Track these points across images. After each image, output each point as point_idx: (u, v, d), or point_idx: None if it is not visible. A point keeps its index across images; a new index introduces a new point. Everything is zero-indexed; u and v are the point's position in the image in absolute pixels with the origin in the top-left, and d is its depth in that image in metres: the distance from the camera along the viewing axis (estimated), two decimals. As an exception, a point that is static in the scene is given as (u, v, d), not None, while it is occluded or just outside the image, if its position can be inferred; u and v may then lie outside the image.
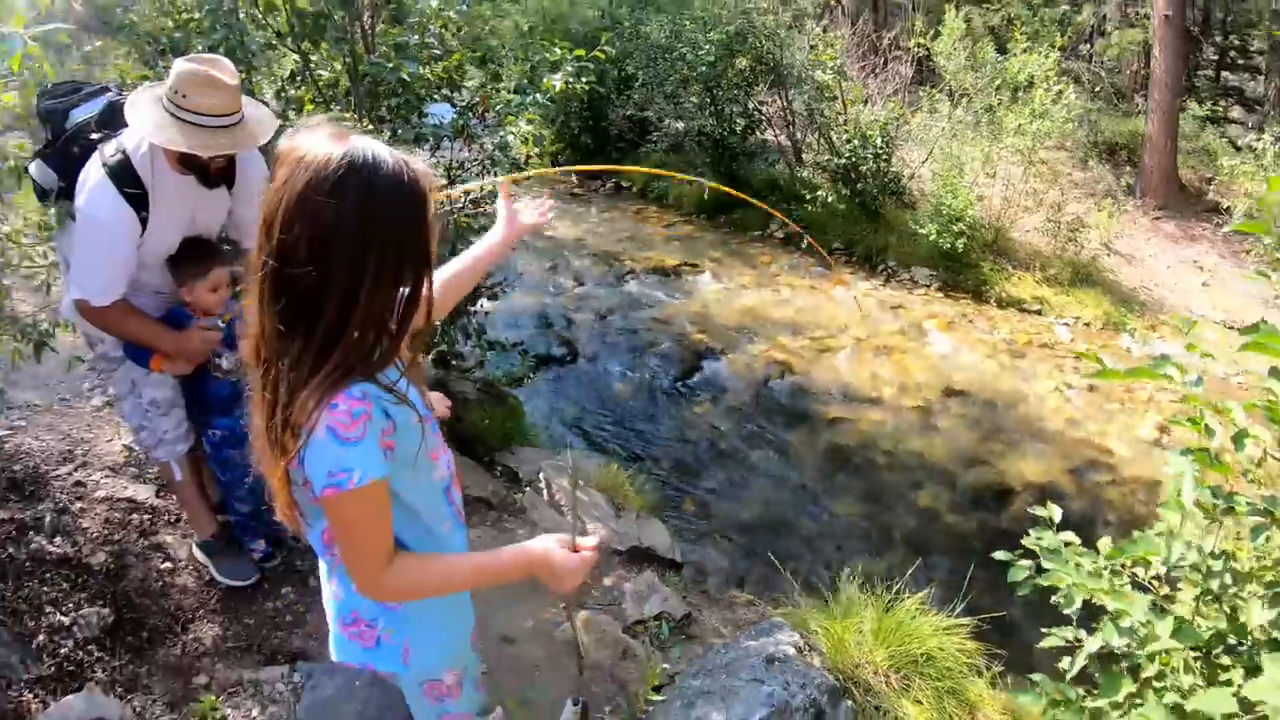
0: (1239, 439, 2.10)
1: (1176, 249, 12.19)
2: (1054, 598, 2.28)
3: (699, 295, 10.30)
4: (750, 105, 12.91)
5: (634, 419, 7.57)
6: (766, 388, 8.15)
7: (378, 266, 1.55)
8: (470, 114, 5.15)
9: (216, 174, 3.25)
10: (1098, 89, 15.77)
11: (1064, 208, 11.08)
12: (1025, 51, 11.16)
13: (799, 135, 13.00)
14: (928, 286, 10.78)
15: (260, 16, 4.72)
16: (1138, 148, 13.80)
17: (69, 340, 4.13)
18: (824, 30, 12.91)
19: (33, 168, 3.40)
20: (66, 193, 3.28)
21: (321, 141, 1.54)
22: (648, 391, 8.05)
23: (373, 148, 1.55)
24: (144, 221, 3.18)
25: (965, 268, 10.78)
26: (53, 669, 3.29)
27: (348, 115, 4.78)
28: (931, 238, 10.56)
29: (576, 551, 1.81)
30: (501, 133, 4.89)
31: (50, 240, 3.85)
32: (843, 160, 11.47)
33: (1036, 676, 2.35)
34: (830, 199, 11.66)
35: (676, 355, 8.76)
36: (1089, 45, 16.46)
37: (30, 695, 3.15)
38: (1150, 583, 2.31)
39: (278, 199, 1.51)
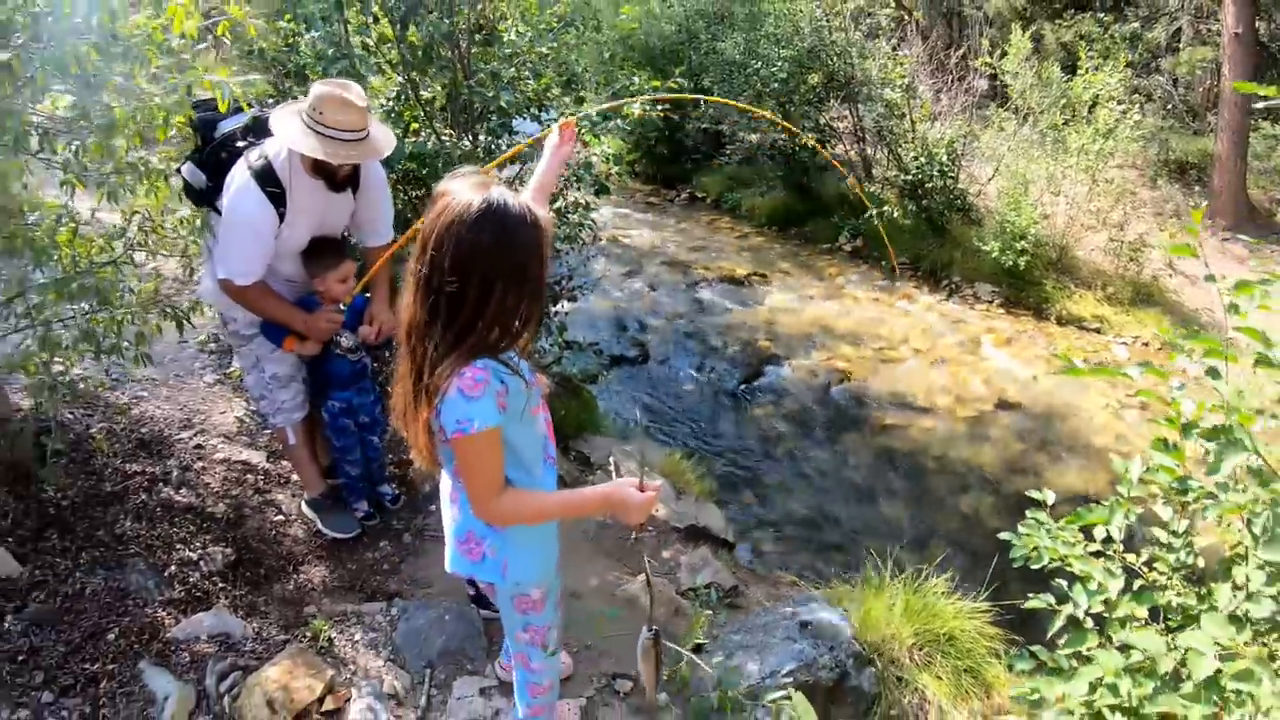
0: (1187, 430, 2.47)
1: (1243, 270, 12.14)
2: (1014, 553, 2.65)
3: (767, 304, 10.66)
4: (822, 120, 13.13)
5: (699, 417, 7.99)
6: (826, 394, 8.50)
7: (503, 286, 2.09)
8: (557, 133, 5.66)
9: (342, 180, 3.79)
10: (1170, 106, 15.70)
11: (1126, 227, 11.09)
12: (1095, 70, 11.19)
13: (869, 151, 13.22)
14: (990, 303, 10.92)
15: (374, 46, 5.30)
16: (1208, 167, 13.68)
17: (198, 322, 4.71)
18: (894, 49, 13.08)
19: (185, 170, 3.92)
20: (214, 191, 3.83)
21: (468, 188, 2.08)
22: (713, 393, 8.46)
23: (506, 197, 2.08)
24: (281, 216, 3.71)
25: (1028, 285, 10.89)
26: (182, 594, 3.82)
27: (448, 131, 5.32)
28: (994, 254, 10.71)
29: (643, 490, 2.32)
30: (585, 153, 5.41)
31: (188, 235, 4.44)
32: (910, 176, 11.70)
33: (1035, 647, 2.57)
34: (897, 214, 11.87)
35: (742, 360, 9.16)
36: (1161, 61, 16.32)
37: (163, 613, 3.67)
38: (1140, 568, 2.69)
39: (432, 227, 2.06)
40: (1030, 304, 10.85)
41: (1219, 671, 2.10)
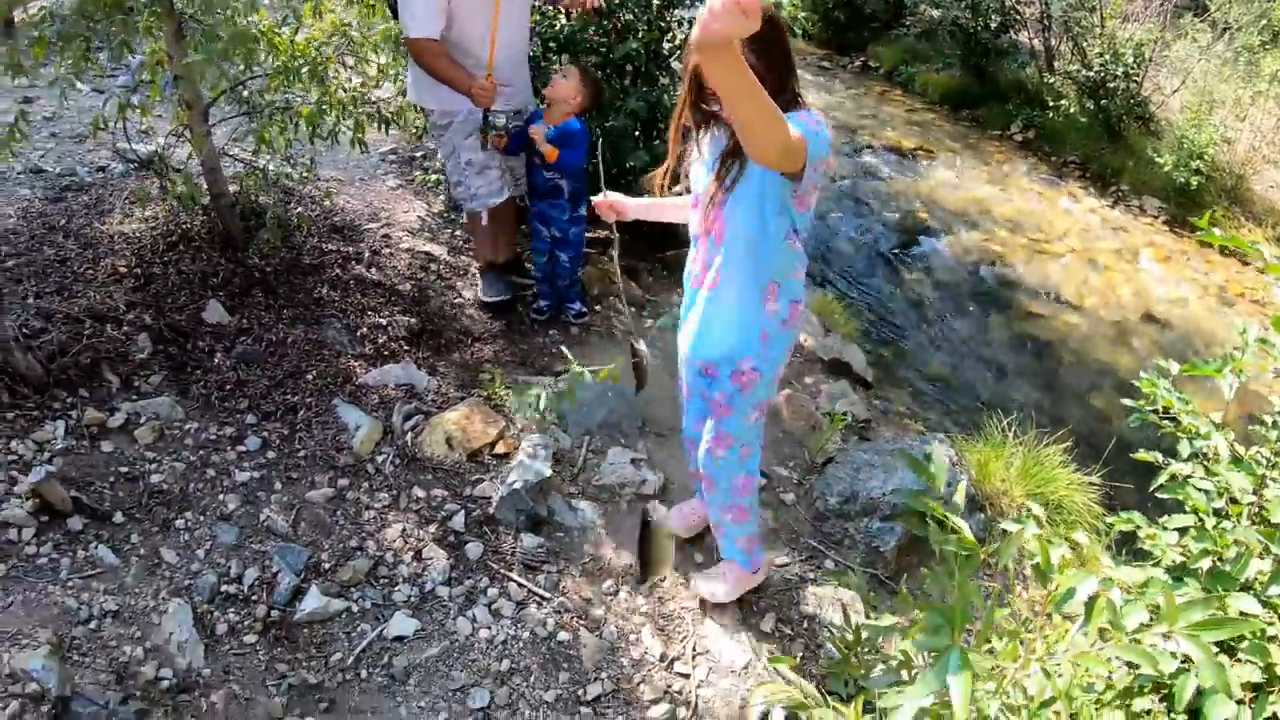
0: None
1: None
2: (1133, 416, 2.82)
3: (929, 179, 10.60)
4: (1007, 3, 12.68)
5: (852, 271, 8.19)
6: (976, 272, 8.56)
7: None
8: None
9: None
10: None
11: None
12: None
13: (1053, 41, 12.73)
14: (1155, 217, 10.55)
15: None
16: None
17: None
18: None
19: None
20: None
21: None
22: (868, 252, 8.62)
23: None
24: None
25: (1196, 207, 10.36)
26: (371, 351, 4.32)
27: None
28: (1167, 169, 10.33)
29: None
30: None
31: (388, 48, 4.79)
32: (1092, 73, 11.28)
33: (1134, 513, 2.70)
34: (1073, 110, 11.53)
35: (899, 226, 9.23)
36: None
37: (355, 364, 4.18)
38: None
39: None
40: (1195, 227, 10.45)
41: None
